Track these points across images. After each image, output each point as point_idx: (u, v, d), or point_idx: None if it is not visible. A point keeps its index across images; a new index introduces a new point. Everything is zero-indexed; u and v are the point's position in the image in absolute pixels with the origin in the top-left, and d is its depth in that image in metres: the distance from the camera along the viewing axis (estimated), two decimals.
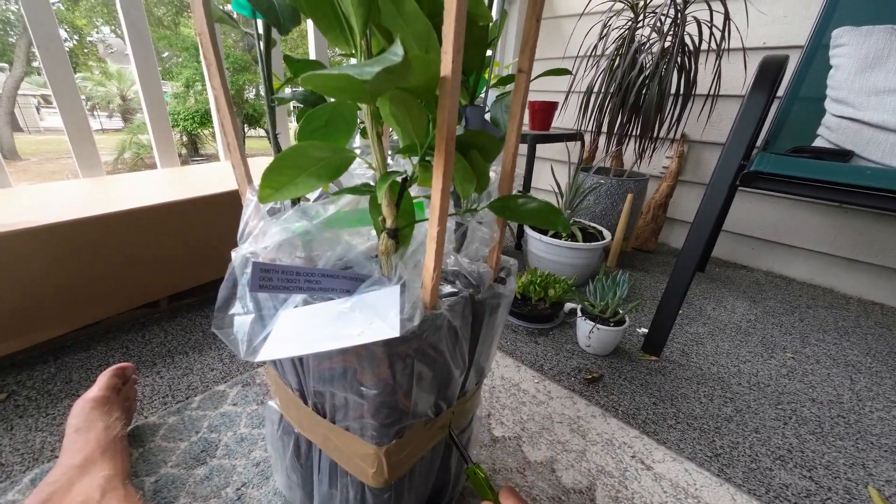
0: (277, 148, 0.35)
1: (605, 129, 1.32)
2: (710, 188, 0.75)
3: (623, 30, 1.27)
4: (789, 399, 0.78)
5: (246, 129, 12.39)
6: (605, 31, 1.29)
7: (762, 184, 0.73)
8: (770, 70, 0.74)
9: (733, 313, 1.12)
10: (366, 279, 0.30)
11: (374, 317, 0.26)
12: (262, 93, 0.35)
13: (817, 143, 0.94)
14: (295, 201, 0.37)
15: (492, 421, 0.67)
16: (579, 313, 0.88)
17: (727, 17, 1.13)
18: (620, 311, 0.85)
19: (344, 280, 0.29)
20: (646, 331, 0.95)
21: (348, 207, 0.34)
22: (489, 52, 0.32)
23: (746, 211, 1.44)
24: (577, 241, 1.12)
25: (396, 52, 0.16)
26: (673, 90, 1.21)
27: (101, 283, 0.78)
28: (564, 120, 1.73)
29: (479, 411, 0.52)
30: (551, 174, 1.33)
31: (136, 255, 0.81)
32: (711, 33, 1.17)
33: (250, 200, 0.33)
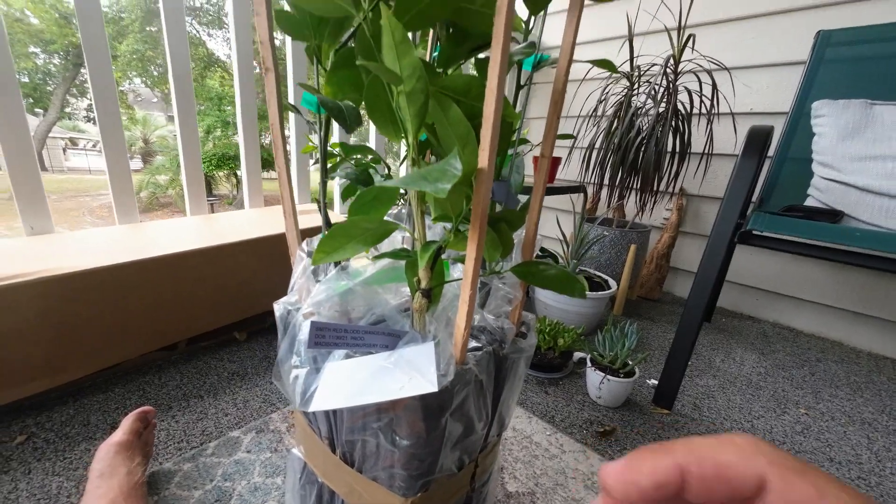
0: (326, 217, 0.39)
1: (606, 181, 1.40)
2: (709, 246, 0.80)
3: (620, 96, 1.38)
4: (806, 458, 0.76)
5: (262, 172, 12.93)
6: (603, 96, 1.41)
7: (758, 241, 0.77)
8: (757, 139, 0.81)
9: (742, 366, 1.12)
10: (403, 335, 0.34)
11: (414, 372, 0.29)
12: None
13: (809, 202, 1.00)
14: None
15: (505, 475, 0.67)
16: (589, 363, 0.89)
17: (714, 88, 1.24)
18: (630, 363, 0.86)
19: (384, 336, 0.33)
20: (655, 382, 0.95)
21: (384, 267, 0.38)
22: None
23: (749, 262, 1.48)
24: None
25: (455, 167, 0.21)
26: (669, 149, 1.30)
27: (127, 325, 0.81)
28: (568, 172, 1.83)
29: (493, 472, 0.53)
30: (557, 225, 1.39)
31: (162, 299, 0.84)
32: (702, 101, 1.28)
33: (301, 259, 0.38)
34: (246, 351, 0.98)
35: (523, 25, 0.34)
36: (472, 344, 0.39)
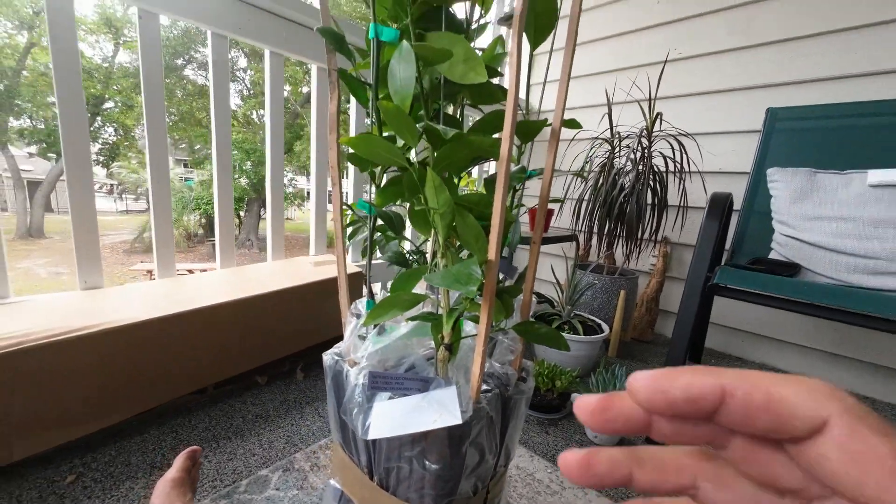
0: (371, 290, 0.51)
1: (596, 230, 1.54)
2: (684, 298, 0.91)
3: (604, 158, 1.56)
4: None
5: (262, 213, 13.35)
6: (588, 158, 1.59)
7: (726, 293, 0.89)
8: (718, 204, 0.96)
9: None
10: (431, 380, 0.44)
11: (443, 409, 0.39)
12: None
13: (772, 254, 1.13)
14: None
15: None
16: None
17: (683, 152, 1.42)
18: None
19: (418, 382, 0.43)
20: None
21: (415, 326, 0.49)
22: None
23: (732, 306, 1.59)
24: (578, 333, 1.24)
25: (477, 272, 0.33)
26: (649, 202, 1.46)
27: (165, 372, 0.89)
28: (561, 221, 1.98)
29: (502, 499, 0.60)
30: (551, 272, 1.51)
31: (197, 347, 0.94)
32: (674, 163, 1.45)
33: (351, 321, 0.49)
34: (267, 394, 1.06)
35: (517, 153, 0.48)
36: (483, 387, 0.49)
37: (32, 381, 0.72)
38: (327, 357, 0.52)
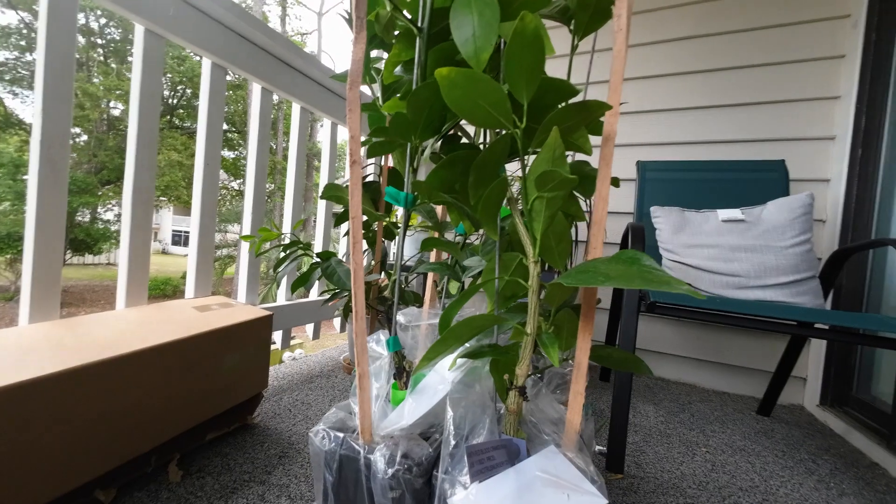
0: (394, 324, 0.35)
1: None
2: (624, 318, 0.97)
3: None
4: (728, 492, 0.91)
5: (69, 256, 10.11)
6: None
7: (660, 311, 0.98)
8: (639, 232, 1.08)
9: (647, 417, 1.30)
10: (513, 446, 0.30)
11: (568, 489, 0.26)
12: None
13: None
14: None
15: None
16: None
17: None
18: None
19: (503, 451, 0.29)
20: (603, 448, 1.01)
21: (466, 370, 0.35)
22: None
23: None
24: None
25: (662, 270, 0.23)
26: None
27: None
28: None
29: None
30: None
31: None
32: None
33: (374, 381, 0.32)
34: None
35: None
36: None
37: None
38: (317, 436, 0.32)
